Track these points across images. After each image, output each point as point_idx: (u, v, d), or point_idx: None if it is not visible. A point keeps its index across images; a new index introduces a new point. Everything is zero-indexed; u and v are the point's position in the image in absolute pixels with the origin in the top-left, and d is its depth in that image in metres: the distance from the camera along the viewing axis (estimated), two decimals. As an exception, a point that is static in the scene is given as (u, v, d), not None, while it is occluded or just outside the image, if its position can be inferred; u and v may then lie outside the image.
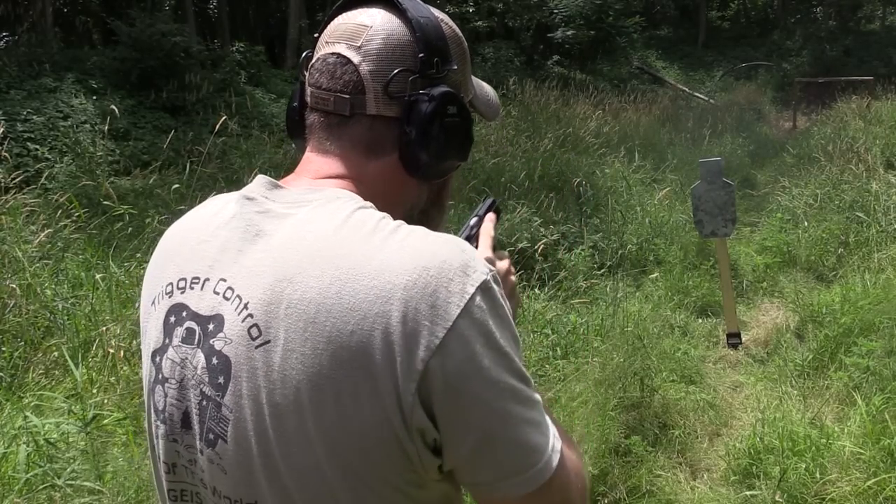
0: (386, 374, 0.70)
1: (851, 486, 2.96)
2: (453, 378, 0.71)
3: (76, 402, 3.07)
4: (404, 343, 0.70)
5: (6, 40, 11.70)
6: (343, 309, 0.72)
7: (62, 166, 8.66)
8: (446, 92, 0.85)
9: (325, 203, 0.81)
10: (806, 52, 21.39)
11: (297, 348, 0.73)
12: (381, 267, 0.73)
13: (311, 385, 0.72)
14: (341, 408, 0.71)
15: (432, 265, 0.73)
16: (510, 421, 0.74)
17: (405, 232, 0.77)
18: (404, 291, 0.71)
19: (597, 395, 3.56)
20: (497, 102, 1.04)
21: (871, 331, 4.33)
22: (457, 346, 0.71)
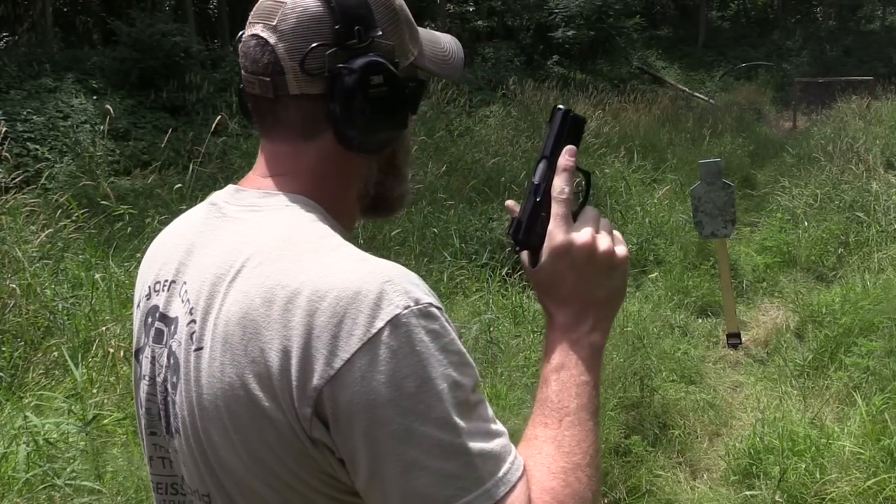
0: (287, 395, 0.70)
1: (851, 486, 2.96)
2: (344, 410, 0.68)
3: (76, 402, 3.07)
4: (301, 367, 0.69)
5: (6, 40, 11.70)
6: (258, 326, 0.72)
7: (62, 166, 8.66)
8: (369, 62, 0.81)
9: (274, 211, 0.82)
10: (806, 52, 21.41)
11: (218, 358, 0.74)
12: (299, 289, 0.72)
13: (228, 396, 0.73)
14: (255, 420, 0.72)
15: (346, 294, 0.70)
16: (399, 465, 0.68)
17: (336, 256, 0.75)
18: (311, 317, 0.70)
19: (597, 395, 3.56)
20: (457, 57, 0.94)
21: (871, 331, 4.34)
22: (351, 380, 0.68)
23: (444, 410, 0.69)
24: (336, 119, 0.82)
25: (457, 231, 5.73)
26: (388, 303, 0.70)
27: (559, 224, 0.83)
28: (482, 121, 10.60)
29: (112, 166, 9.18)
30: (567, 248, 0.82)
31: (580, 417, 0.78)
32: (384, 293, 0.70)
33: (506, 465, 0.71)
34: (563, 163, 0.86)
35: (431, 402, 0.69)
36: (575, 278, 0.83)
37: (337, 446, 0.70)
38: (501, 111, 11.19)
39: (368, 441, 0.68)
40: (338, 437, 0.69)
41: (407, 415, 0.68)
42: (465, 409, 0.70)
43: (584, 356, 0.81)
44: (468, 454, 0.69)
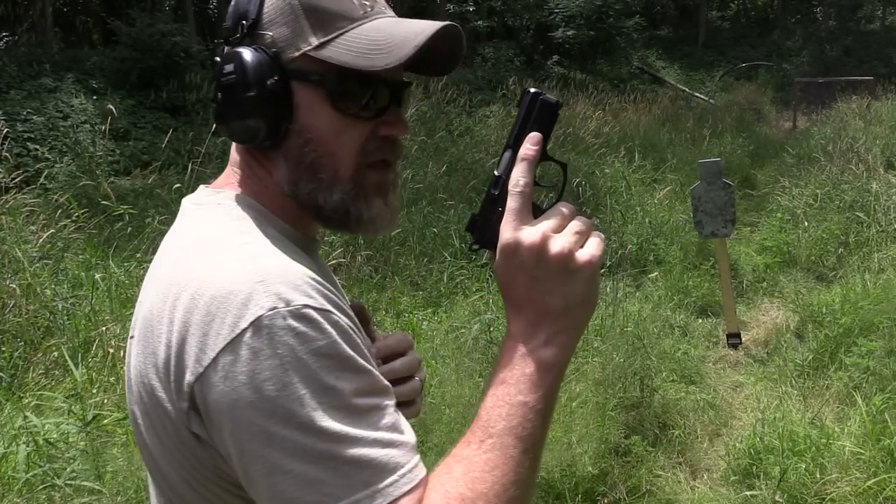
0: (170, 389, 0.73)
1: (851, 486, 2.96)
2: (213, 409, 0.69)
3: (76, 402, 3.07)
4: (177, 364, 0.71)
5: (6, 40, 11.70)
6: (154, 321, 0.75)
7: (62, 166, 8.66)
8: (226, 53, 0.82)
9: (207, 209, 0.84)
10: (806, 52, 21.42)
11: (135, 347, 0.78)
12: (185, 287, 0.74)
13: (140, 384, 0.77)
14: (157, 410, 0.75)
15: (219, 294, 0.70)
16: (263, 467, 0.67)
17: (227, 255, 0.75)
18: (189, 314, 0.71)
19: (597, 395, 3.56)
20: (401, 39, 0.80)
21: (871, 331, 4.34)
22: (217, 378, 0.68)
23: (308, 415, 0.67)
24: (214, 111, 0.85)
25: (457, 231, 5.72)
26: (255, 304, 0.69)
27: (509, 220, 0.75)
28: (482, 121, 10.60)
29: (112, 166, 9.18)
30: (514, 248, 0.74)
31: (503, 442, 0.70)
32: (253, 294, 0.69)
33: (390, 477, 0.68)
34: (523, 152, 0.77)
35: (293, 405, 0.67)
36: (525, 282, 0.74)
37: (214, 443, 0.71)
38: (501, 111, 11.19)
39: (234, 441, 0.68)
40: (212, 434, 0.71)
41: (268, 417, 0.66)
42: (341, 415, 0.68)
43: (528, 372, 0.72)
44: (337, 460, 0.67)
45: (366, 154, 0.84)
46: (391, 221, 0.87)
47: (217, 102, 0.83)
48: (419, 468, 0.70)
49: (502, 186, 0.77)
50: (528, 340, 0.73)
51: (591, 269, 0.74)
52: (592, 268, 0.74)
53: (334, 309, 0.72)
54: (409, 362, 0.94)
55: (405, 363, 0.93)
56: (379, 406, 0.71)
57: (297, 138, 0.82)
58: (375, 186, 0.85)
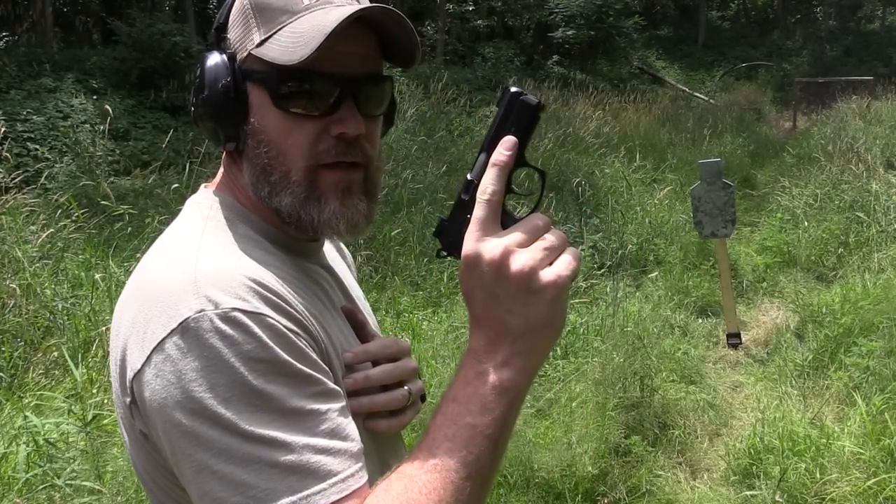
0: (119, 386, 0.76)
1: (851, 486, 2.96)
2: (147, 406, 0.71)
3: (76, 402, 3.07)
4: (122, 360, 0.74)
5: (6, 40, 11.70)
6: (116, 319, 0.78)
7: (62, 166, 8.66)
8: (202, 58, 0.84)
9: (186, 210, 0.86)
10: (806, 52, 21.40)
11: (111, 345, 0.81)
12: (137, 286, 0.77)
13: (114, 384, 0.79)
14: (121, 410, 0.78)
15: (155, 293, 0.73)
16: (192, 466, 0.67)
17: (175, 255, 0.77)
18: (135, 312, 0.74)
19: (597, 395, 3.56)
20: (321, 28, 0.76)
21: (871, 331, 4.33)
22: (150, 377, 0.70)
23: (234, 418, 0.66)
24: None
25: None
26: (184, 305, 0.69)
27: (473, 230, 0.70)
28: (482, 121, 10.60)
29: (112, 166, 9.17)
30: (474, 260, 0.69)
31: (445, 465, 0.66)
32: (184, 295, 0.70)
33: (319, 485, 0.66)
34: (495, 157, 0.72)
35: (219, 408, 0.66)
36: (485, 297, 0.69)
37: (153, 438, 0.73)
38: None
39: (166, 439, 0.70)
40: (150, 431, 0.73)
41: (195, 417, 0.67)
42: (271, 419, 0.67)
43: (482, 393, 0.67)
44: (263, 463, 0.66)
45: (317, 155, 0.80)
46: (354, 224, 0.82)
47: (191, 105, 0.86)
48: (355, 477, 0.68)
49: (472, 192, 0.72)
50: (485, 359, 0.69)
51: (556, 291, 0.68)
52: (557, 289, 0.68)
53: (272, 312, 0.70)
54: (392, 370, 0.86)
55: (385, 371, 0.86)
56: (317, 411, 0.69)
57: (252, 140, 0.81)
58: (331, 188, 0.81)
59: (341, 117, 0.80)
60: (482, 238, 0.69)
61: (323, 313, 0.82)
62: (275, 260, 0.79)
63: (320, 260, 0.93)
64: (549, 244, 0.70)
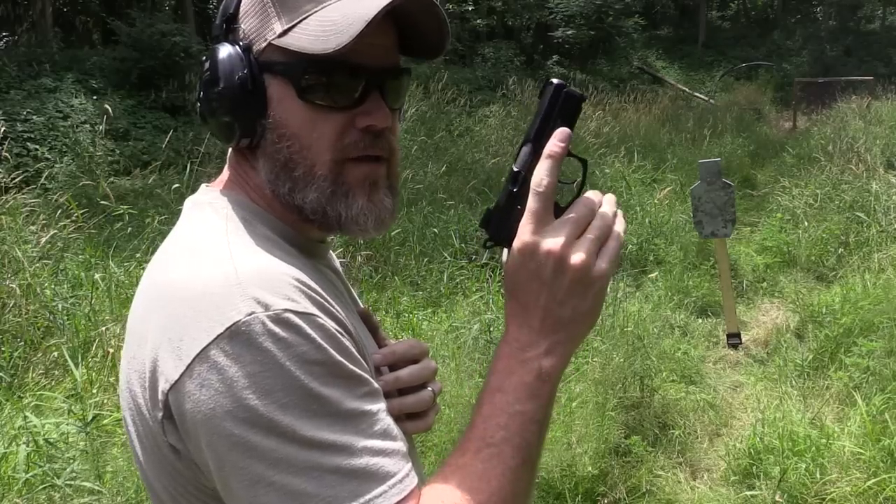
0: (147, 399, 0.70)
1: (851, 486, 2.96)
2: (189, 419, 0.66)
3: (76, 402, 3.07)
4: (152, 370, 0.68)
5: (6, 40, 11.69)
6: (136, 326, 0.74)
7: (62, 166, 8.66)
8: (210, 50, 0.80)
9: (199, 209, 0.81)
10: (806, 52, 21.39)
11: (123, 357, 0.76)
12: (162, 290, 0.72)
13: (127, 394, 0.75)
14: (140, 422, 0.73)
15: (192, 297, 0.67)
16: (244, 479, 0.64)
17: (205, 257, 0.72)
18: (164, 320, 0.69)
19: (597, 395, 3.56)
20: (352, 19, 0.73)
21: (871, 331, 4.33)
22: (192, 387, 0.65)
23: (291, 424, 0.64)
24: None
25: (457, 231, 5.73)
26: (231, 308, 0.65)
27: (530, 221, 0.71)
28: (482, 121, 10.61)
29: (112, 166, 9.17)
30: (532, 252, 0.71)
31: (501, 452, 0.68)
32: (228, 298, 0.66)
33: (380, 487, 0.65)
34: (550, 148, 0.72)
35: (275, 414, 0.63)
36: (538, 288, 0.71)
37: (191, 454, 0.68)
38: (501, 111, 11.19)
39: (213, 453, 0.65)
40: (189, 446, 0.68)
41: (248, 427, 0.63)
42: (328, 422, 0.65)
43: (527, 381, 0.70)
44: (322, 470, 0.64)
45: (344, 148, 0.77)
46: (381, 221, 0.80)
47: (199, 101, 0.81)
48: (410, 477, 0.67)
49: (522, 183, 0.72)
50: (529, 348, 0.71)
51: (603, 283, 0.72)
52: (604, 281, 0.72)
53: (320, 312, 0.69)
54: (419, 371, 0.86)
55: (413, 372, 0.85)
56: (370, 412, 0.68)
57: (271, 134, 0.77)
58: (358, 183, 0.78)
59: (368, 109, 0.78)
60: (539, 230, 0.71)
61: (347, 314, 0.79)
62: (296, 261, 0.75)
63: (329, 262, 0.91)
64: (599, 232, 0.72)
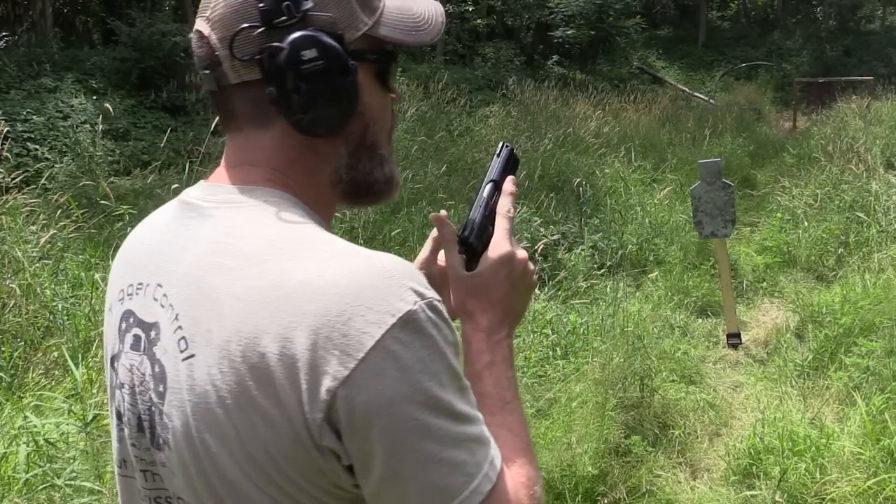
0: (293, 401, 0.68)
1: (851, 486, 2.96)
2: (361, 411, 0.67)
3: (76, 402, 3.07)
4: (310, 371, 0.67)
5: (6, 40, 11.69)
6: (256, 330, 0.69)
7: (62, 166, 8.65)
8: (297, 37, 0.76)
9: (254, 209, 0.78)
10: (806, 52, 21.39)
11: (215, 365, 0.71)
12: (295, 289, 0.70)
13: (227, 403, 0.71)
14: (256, 427, 0.70)
15: (350, 291, 0.69)
16: (418, 460, 0.68)
17: (330, 252, 0.73)
18: (315, 318, 0.68)
19: (596, 395, 3.56)
20: (433, 20, 0.87)
21: (871, 331, 4.34)
22: (368, 378, 0.67)
23: (450, 401, 0.71)
24: (276, 102, 0.78)
25: (456, 231, 5.72)
26: (398, 297, 0.70)
27: (506, 237, 0.92)
28: (482, 121, 10.61)
29: (112, 166, 9.17)
30: (510, 259, 0.90)
31: (515, 406, 0.86)
32: (392, 288, 0.70)
33: (492, 448, 0.74)
34: (509, 187, 0.96)
35: (441, 394, 0.70)
36: (508, 288, 0.90)
37: (348, 451, 0.69)
38: (501, 111, 11.19)
39: (386, 439, 0.68)
40: (351, 441, 0.68)
41: (423, 409, 0.69)
42: (462, 397, 0.73)
43: (506, 355, 0.89)
44: (470, 440, 0.72)
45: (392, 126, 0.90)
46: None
47: (299, 93, 0.77)
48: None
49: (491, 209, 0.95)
50: (496, 333, 0.89)
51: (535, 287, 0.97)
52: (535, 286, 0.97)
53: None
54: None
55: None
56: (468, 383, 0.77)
57: (359, 120, 0.83)
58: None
59: (395, 90, 0.89)
60: (514, 244, 0.92)
61: None
62: None
63: None
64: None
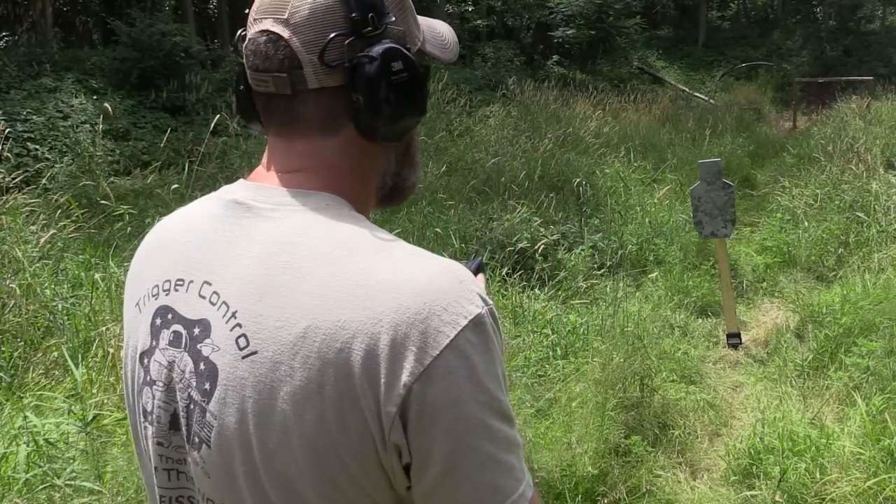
0: (369, 395, 0.70)
1: (851, 486, 2.96)
2: (430, 406, 0.70)
3: (76, 402, 3.06)
4: (389, 365, 0.70)
5: (6, 40, 11.69)
6: (333, 326, 0.71)
7: (62, 166, 8.66)
8: (388, 48, 0.80)
9: (315, 212, 0.79)
10: (806, 52, 21.39)
11: (285, 361, 0.72)
12: (375, 287, 0.72)
13: (296, 398, 0.72)
14: (325, 422, 0.71)
15: (428, 292, 0.72)
16: (477, 459, 0.71)
17: (402, 253, 0.76)
18: (396, 315, 0.71)
19: (597, 395, 3.56)
20: (453, 40, 0.96)
21: (871, 331, 4.33)
22: (440, 375, 0.70)
23: (505, 405, 0.74)
24: (360, 110, 0.81)
25: (457, 231, 5.72)
26: (469, 301, 0.73)
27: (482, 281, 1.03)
28: (482, 121, 10.61)
29: (112, 166, 9.18)
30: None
31: None
32: (464, 292, 0.74)
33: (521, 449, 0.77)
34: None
35: (500, 396, 0.73)
36: None
37: (411, 446, 0.71)
38: (501, 111, 11.20)
39: (450, 436, 0.71)
40: (416, 436, 0.71)
41: (485, 410, 0.71)
42: (509, 403, 0.76)
43: None
44: (517, 446, 0.75)
45: None
46: None
47: (389, 102, 0.80)
48: None
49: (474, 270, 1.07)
50: None
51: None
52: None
53: None
54: None
55: None
56: None
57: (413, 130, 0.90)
58: None
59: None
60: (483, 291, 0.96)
61: None
62: None
63: None
64: None
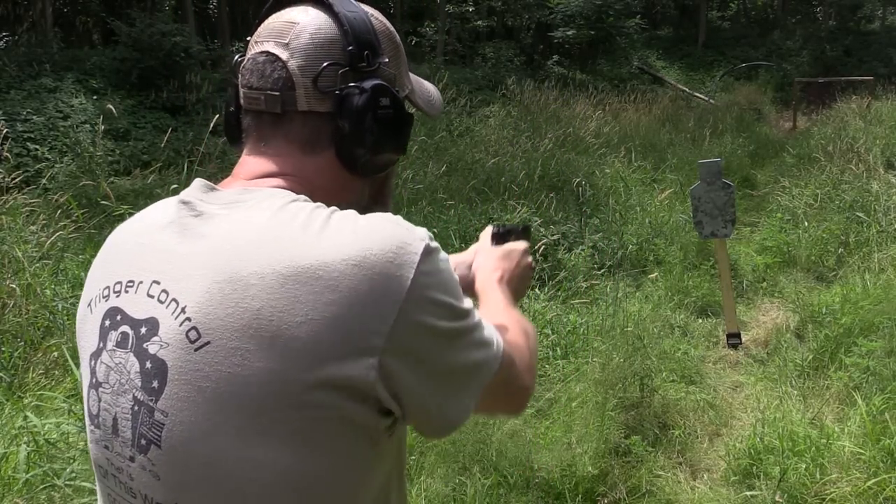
0: (342, 357, 0.72)
1: (851, 486, 2.96)
2: (408, 336, 0.74)
3: (76, 402, 3.06)
4: (359, 325, 0.72)
5: (6, 40, 11.70)
6: (289, 302, 0.72)
7: (62, 166, 8.66)
8: (378, 84, 0.85)
9: (259, 202, 0.80)
10: (806, 52, 21.37)
11: (241, 346, 0.72)
12: (322, 256, 0.73)
13: (259, 380, 0.71)
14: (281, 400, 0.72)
15: (374, 245, 0.75)
16: (461, 360, 0.80)
17: (339, 217, 0.78)
18: (351, 278, 0.72)
19: (597, 395, 3.56)
20: (438, 99, 1.03)
21: (871, 331, 4.33)
22: (411, 317, 0.74)
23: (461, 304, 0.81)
24: (343, 136, 0.85)
25: (457, 231, 5.72)
26: (414, 237, 0.78)
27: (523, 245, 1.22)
28: (482, 121, 10.61)
29: (112, 166, 9.18)
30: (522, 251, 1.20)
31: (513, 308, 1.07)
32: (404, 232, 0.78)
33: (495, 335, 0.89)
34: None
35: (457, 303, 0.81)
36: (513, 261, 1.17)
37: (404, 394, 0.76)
38: (501, 111, 11.19)
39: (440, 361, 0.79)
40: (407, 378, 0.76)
41: (457, 318, 0.80)
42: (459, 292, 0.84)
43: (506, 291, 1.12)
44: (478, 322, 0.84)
45: None
46: None
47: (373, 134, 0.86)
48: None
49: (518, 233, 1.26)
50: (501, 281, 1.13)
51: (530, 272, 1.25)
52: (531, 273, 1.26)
53: None
54: None
55: None
56: None
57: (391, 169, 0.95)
58: None
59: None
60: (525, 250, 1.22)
61: None
62: None
63: None
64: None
